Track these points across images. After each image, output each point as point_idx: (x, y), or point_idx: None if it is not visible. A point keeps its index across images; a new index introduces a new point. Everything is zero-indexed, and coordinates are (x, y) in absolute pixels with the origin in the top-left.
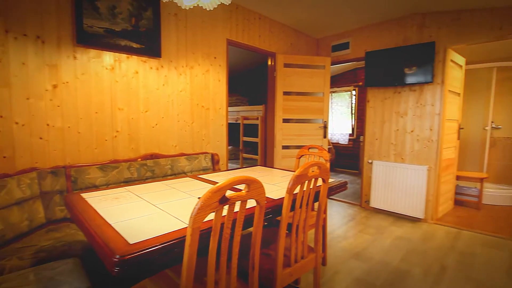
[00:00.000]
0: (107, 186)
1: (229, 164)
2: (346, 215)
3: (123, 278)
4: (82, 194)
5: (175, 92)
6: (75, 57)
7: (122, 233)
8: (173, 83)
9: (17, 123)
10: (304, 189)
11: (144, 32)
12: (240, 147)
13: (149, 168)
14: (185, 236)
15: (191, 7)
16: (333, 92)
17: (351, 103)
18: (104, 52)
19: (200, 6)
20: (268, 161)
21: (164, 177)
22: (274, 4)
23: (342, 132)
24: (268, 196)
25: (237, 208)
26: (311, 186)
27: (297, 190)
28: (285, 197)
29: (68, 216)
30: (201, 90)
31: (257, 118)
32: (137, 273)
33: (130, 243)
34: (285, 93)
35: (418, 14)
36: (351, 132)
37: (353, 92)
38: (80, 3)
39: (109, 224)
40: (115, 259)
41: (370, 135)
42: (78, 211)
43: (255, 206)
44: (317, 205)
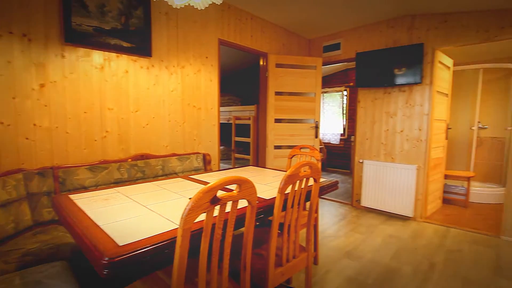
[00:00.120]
0: (97, 187)
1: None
2: (338, 214)
3: (113, 281)
4: (71, 196)
5: (166, 92)
6: (63, 56)
7: (112, 235)
8: (164, 83)
9: (2, 123)
10: (296, 189)
11: (135, 31)
12: (232, 147)
13: (140, 169)
14: (176, 237)
15: (182, 6)
16: (325, 93)
17: (343, 103)
18: (93, 51)
19: (192, 6)
20: (260, 161)
21: (155, 178)
22: (266, 4)
23: (334, 132)
24: (260, 196)
25: (229, 209)
26: (303, 186)
27: (289, 190)
28: (277, 197)
29: (56, 218)
30: (193, 90)
31: (249, 118)
32: (127, 275)
33: (120, 245)
34: (277, 93)
35: (408, 16)
36: (343, 132)
37: (345, 93)
38: (69, 1)
39: (98, 226)
40: (104, 261)
41: (361, 135)
42: (66, 213)
43: (247, 206)
44: (309, 205)
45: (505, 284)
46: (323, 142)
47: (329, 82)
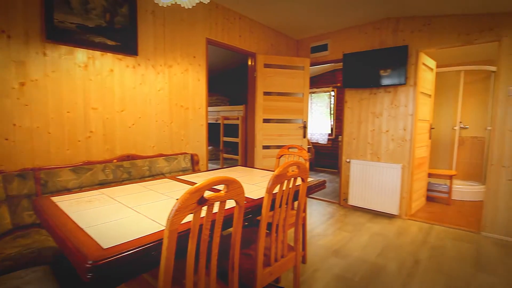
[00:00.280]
0: (81, 189)
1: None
2: (326, 213)
3: (97, 285)
4: (53, 198)
5: (153, 91)
6: (45, 54)
7: (96, 238)
8: (151, 82)
9: None
10: (284, 189)
11: (120, 29)
12: (221, 147)
13: (126, 170)
14: (162, 239)
15: (169, 5)
16: (313, 93)
17: (330, 104)
18: (77, 49)
19: (179, 4)
20: (249, 161)
21: (142, 179)
22: (254, 4)
23: (322, 132)
24: (248, 196)
25: (216, 209)
26: (291, 186)
27: (277, 190)
28: (265, 197)
29: (38, 221)
30: (180, 90)
31: (238, 118)
32: (112, 279)
33: (104, 248)
34: (266, 93)
35: (393, 19)
36: (330, 132)
37: (332, 93)
38: None
39: (82, 229)
40: (88, 265)
41: (348, 135)
42: (48, 216)
43: (235, 207)
44: (297, 204)
45: (485, 278)
46: (311, 142)
47: (317, 83)
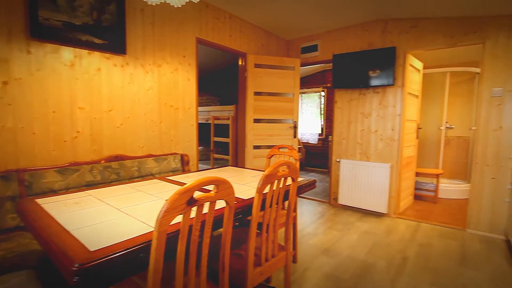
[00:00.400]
0: (67, 191)
1: (200, 165)
2: (316, 213)
3: None
4: (37, 200)
5: (142, 91)
6: (29, 52)
7: (82, 240)
8: (140, 82)
9: None
10: (274, 189)
11: (108, 27)
12: (211, 148)
13: (114, 171)
14: (151, 241)
15: (158, 3)
16: (303, 93)
17: (320, 104)
18: (63, 47)
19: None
20: (240, 161)
21: (131, 180)
22: (245, 5)
23: (312, 132)
24: (238, 196)
25: (206, 210)
26: (281, 185)
27: (267, 190)
28: (255, 197)
29: (22, 225)
30: (170, 89)
31: (228, 118)
32: (100, 282)
33: (91, 250)
34: (256, 93)
35: (381, 20)
36: (321, 132)
37: (322, 93)
38: None
39: (68, 231)
40: (74, 268)
41: (338, 135)
42: (32, 218)
43: (225, 207)
44: (287, 204)
45: (470, 274)
46: (302, 142)
47: (308, 83)
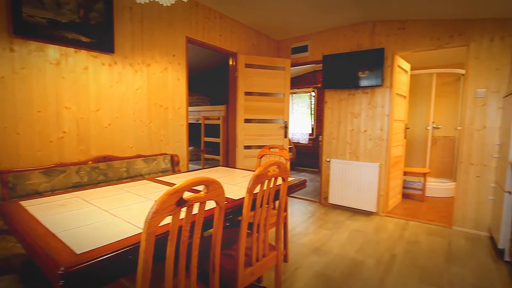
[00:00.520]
0: (53, 192)
1: (190, 165)
2: (307, 212)
3: None
4: (22, 202)
5: (131, 90)
6: (13, 50)
7: (68, 243)
8: (128, 81)
9: None
10: (265, 188)
11: (95, 26)
12: (202, 148)
13: (102, 172)
14: (140, 242)
15: (147, 2)
16: (294, 93)
17: (311, 104)
18: (48, 45)
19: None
20: (231, 161)
21: (119, 181)
22: (235, 4)
23: (303, 132)
24: (229, 197)
25: (196, 210)
26: (271, 185)
27: (258, 190)
28: (246, 197)
29: (5, 228)
30: (159, 89)
31: (219, 118)
32: (87, 285)
33: (78, 253)
34: (247, 93)
35: (370, 22)
36: (311, 132)
37: (313, 94)
38: None
39: (53, 234)
40: (60, 272)
41: (328, 135)
42: (16, 221)
43: (215, 207)
44: (278, 204)
45: (456, 270)
46: (293, 142)
47: (298, 83)
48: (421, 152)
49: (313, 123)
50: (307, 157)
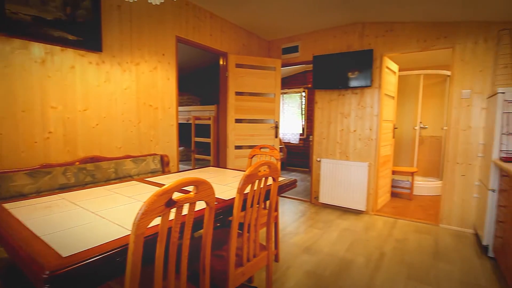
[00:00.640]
0: (38, 194)
1: (181, 166)
2: (297, 212)
3: None
4: (5, 205)
5: (119, 90)
6: None
7: (54, 246)
8: (117, 80)
9: None
10: (255, 188)
11: (82, 23)
12: (192, 148)
13: (89, 173)
14: (128, 244)
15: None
16: (284, 93)
17: (301, 104)
18: (33, 43)
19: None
20: (221, 162)
21: (107, 182)
22: (225, 4)
23: (293, 132)
24: (219, 197)
25: (186, 211)
26: (262, 185)
27: (248, 190)
28: (236, 197)
29: None
30: (149, 89)
31: (209, 118)
32: None
33: (63, 256)
34: (237, 93)
35: (359, 24)
36: (302, 132)
37: (303, 94)
38: None
39: (38, 237)
40: (45, 275)
41: (318, 135)
42: None
43: (205, 208)
44: (268, 204)
45: (443, 267)
46: (283, 142)
47: (289, 84)
48: (409, 152)
49: (304, 123)
50: (298, 157)
